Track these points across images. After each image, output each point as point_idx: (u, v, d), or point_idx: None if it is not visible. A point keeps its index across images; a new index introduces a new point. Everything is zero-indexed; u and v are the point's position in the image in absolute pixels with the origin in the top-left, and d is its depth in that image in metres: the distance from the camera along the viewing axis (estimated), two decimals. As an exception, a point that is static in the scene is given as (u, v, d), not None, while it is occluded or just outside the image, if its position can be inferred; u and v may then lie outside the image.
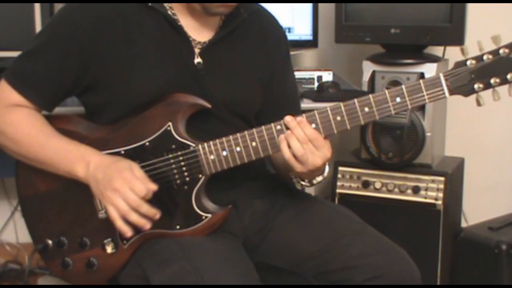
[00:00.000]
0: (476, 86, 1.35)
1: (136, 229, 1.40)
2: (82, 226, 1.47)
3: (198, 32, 1.49)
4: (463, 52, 1.35)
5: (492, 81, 1.34)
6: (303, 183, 1.48)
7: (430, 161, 2.25)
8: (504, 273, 2.18)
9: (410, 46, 2.23)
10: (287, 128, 1.37)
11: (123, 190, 1.33)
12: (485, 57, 1.33)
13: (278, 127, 1.39)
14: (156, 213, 1.37)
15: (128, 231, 1.36)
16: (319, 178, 1.47)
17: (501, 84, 1.34)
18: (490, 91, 1.35)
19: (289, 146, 1.36)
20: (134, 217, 1.35)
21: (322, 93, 2.17)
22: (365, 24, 2.24)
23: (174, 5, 1.48)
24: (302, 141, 1.35)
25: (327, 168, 1.46)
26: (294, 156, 1.36)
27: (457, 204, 2.46)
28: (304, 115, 1.38)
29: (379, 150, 2.25)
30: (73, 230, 1.48)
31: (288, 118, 1.37)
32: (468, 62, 1.34)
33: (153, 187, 1.36)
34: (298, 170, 1.39)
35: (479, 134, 2.61)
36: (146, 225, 1.36)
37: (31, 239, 1.53)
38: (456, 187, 2.39)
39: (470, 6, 2.17)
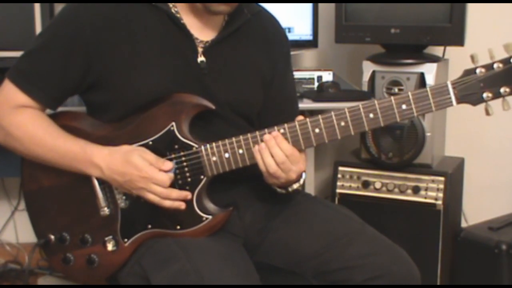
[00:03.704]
0: (485, 95, 1.32)
1: (137, 227, 1.43)
2: (84, 222, 1.48)
3: (202, 31, 1.49)
4: (473, 59, 1.32)
5: (502, 90, 1.31)
6: (278, 190, 1.49)
7: (430, 161, 2.25)
8: (504, 273, 2.17)
9: (410, 46, 2.23)
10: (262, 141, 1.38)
11: (149, 187, 1.37)
12: (495, 66, 1.31)
13: (282, 130, 1.38)
14: (187, 194, 1.41)
15: (180, 204, 1.40)
16: (295, 186, 1.48)
17: (511, 93, 1.31)
18: (498, 100, 1.33)
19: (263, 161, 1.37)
20: (168, 204, 1.39)
21: (322, 93, 2.17)
22: (365, 24, 2.24)
23: (177, 4, 1.48)
24: (279, 161, 1.36)
25: (303, 175, 1.47)
26: (268, 172, 1.37)
27: (457, 204, 2.46)
28: (308, 119, 1.38)
29: (379, 150, 2.25)
30: (75, 226, 1.49)
31: (266, 137, 1.37)
32: (478, 70, 1.32)
33: (169, 166, 1.39)
34: (270, 182, 1.42)
35: (479, 134, 2.61)
36: (182, 205, 1.40)
37: (32, 236, 1.54)
38: (456, 187, 2.39)
39: (470, 6, 2.17)
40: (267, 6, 1.65)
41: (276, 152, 1.36)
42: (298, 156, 1.38)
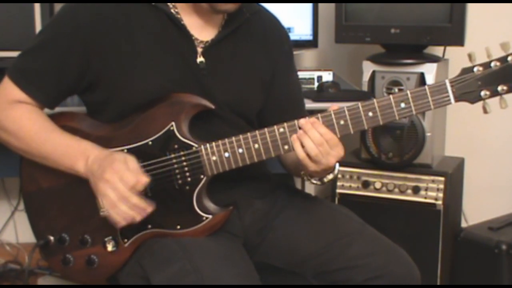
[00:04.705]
0: (482, 93, 1.33)
1: (137, 227, 1.42)
2: (84, 223, 1.48)
3: (201, 31, 1.49)
4: (470, 58, 1.33)
5: (499, 88, 1.32)
6: (314, 181, 1.48)
7: (430, 161, 2.26)
8: (504, 273, 2.18)
9: (410, 46, 2.23)
10: (300, 129, 1.36)
11: (113, 180, 1.33)
12: (492, 64, 1.31)
13: (281, 129, 1.38)
14: (147, 207, 1.35)
15: (119, 222, 1.35)
16: (330, 176, 1.46)
17: (508, 91, 1.32)
18: (496, 98, 1.33)
19: (303, 146, 1.35)
20: (123, 208, 1.34)
21: (322, 93, 2.17)
22: (365, 24, 2.24)
23: (177, 4, 1.48)
24: (317, 143, 1.34)
25: (337, 166, 1.45)
26: (308, 156, 1.35)
27: (457, 204, 2.46)
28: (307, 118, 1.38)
29: (379, 150, 2.25)
30: (75, 227, 1.49)
31: (302, 121, 1.36)
32: (475, 69, 1.32)
33: (145, 179, 1.35)
34: (311, 169, 1.38)
35: (479, 134, 2.61)
36: (136, 217, 1.35)
37: (32, 236, 1.54)
38: (456, 187, 2.40)
39: (470, 6, 2.17)
40: (267, 6, 1.65)
41: (314, 135, 1.34)
42: (337, 140, 1.37)
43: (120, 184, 1.33)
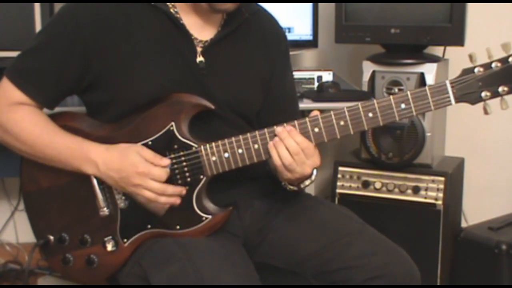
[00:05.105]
0: (483, 94, 1.33)
1: (137, 227, 1.43)
2: (84, 223, 1.48)
3: (200, 31, 1.50)
4: (471, 59, 1.32)
5: (500, 89, 1.32)
6: (291, 187, 1.49)
7: (430, 161, 2.26)
8: (504, 273, 2.18)
9: (410, 46, 2.23)
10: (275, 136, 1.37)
11: (145, 183, 1.36)
12: (493, 65, 1.31)
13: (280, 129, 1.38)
14: (182, 190, 1.40)
15: (159, 212, 1.41)
16: (307, 182, 1.47)
17: (509, 92, 1.32)
18: (497, 99, 1.33)
19: (279, 154, 1.36)
20: (163, 200, 1.38)
21: (322, 93, 2.17)
22: (365, 24, 2.24)
23: (177, 4, 1.48)
24: (293, 152, 1.35)
25: (315, 172, 1.46)
26: (283, 164, 1.36)
27: (457, 204, 2.47)
28: (307, 119, 1.38)
29: (379, 150, 2.25)
30: (75, 227, 1.49)
31: (279, 129, 1.37)
32: (476, 70, 1.32)
33: (167, 162, 1.39)
34: (286, 177, 1.40)
35: (479, 134, 2.61)
36: (177, 200, 1.40)
37: (32, 236, 1.54)
38: (456, 187, 2.40)
39: (470, 6, 2.17)
40: (267, 6, 1.66)
41: (290, 143, 1.35)
42: (313, 149, 1.38)
43: (153, 183, 1.37)
